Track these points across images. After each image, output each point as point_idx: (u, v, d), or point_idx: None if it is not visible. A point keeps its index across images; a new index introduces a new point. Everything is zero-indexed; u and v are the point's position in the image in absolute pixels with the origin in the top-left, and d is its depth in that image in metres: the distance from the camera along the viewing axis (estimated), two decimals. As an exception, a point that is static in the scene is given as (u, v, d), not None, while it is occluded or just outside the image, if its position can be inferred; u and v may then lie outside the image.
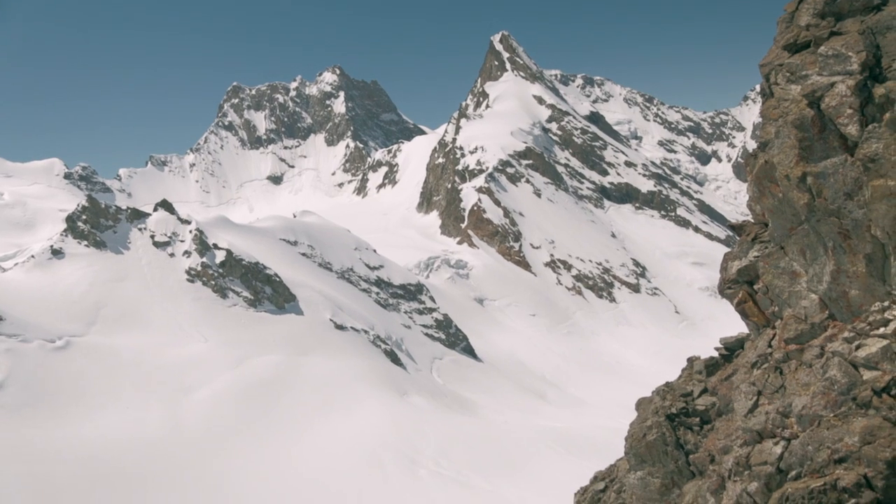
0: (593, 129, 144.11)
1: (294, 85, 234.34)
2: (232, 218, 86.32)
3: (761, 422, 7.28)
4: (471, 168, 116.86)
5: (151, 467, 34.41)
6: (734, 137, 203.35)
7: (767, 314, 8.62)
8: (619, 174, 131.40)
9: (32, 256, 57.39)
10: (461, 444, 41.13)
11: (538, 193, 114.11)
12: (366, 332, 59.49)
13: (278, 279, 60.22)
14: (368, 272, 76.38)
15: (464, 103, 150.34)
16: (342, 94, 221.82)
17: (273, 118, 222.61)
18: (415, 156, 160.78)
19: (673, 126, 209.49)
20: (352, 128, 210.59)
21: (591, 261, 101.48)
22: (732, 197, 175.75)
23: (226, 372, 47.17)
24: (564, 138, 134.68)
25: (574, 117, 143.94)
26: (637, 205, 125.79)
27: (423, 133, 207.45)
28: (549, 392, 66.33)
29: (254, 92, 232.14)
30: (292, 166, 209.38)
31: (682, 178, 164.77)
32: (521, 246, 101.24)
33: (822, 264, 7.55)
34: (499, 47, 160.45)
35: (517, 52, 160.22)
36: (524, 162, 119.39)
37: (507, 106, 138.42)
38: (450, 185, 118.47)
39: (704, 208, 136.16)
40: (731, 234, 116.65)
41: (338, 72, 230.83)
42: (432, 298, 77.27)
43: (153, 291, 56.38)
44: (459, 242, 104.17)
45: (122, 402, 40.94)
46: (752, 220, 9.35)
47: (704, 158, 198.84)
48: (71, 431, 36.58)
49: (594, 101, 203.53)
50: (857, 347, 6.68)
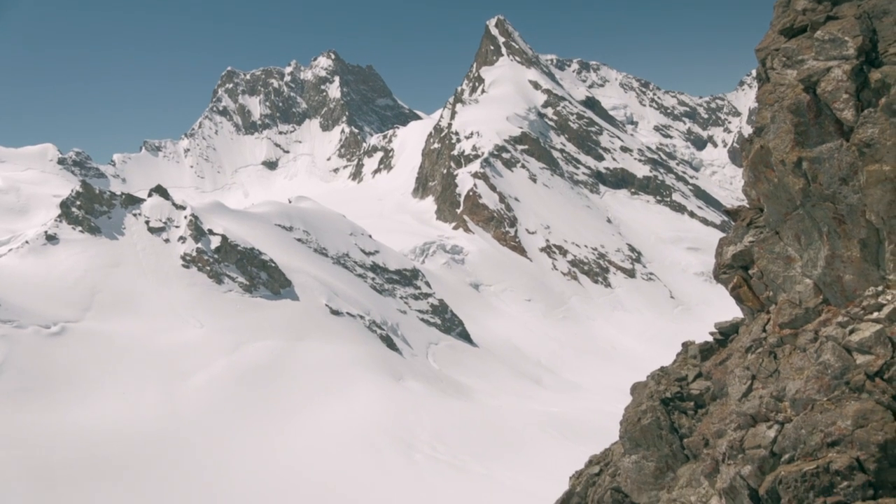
0: (589, 114, 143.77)
1: (289, 70, 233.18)
2: (227, 203, 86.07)
3: (755, 406, 7.32)
4: (466, 153, 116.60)
5: (148, 452, 34.50)
6: (730, 122, 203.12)
7: (762, 299, 8.65)
8: (614, 159, 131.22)
9: (27, 242, 57.23)
10: (457, 429, 41.30)
11: (534, 179, 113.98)
12: (361, 317, 59.55)
13: (274, 265, 60.17)
14: (364, 257, 76.35)
15: (459, 88, 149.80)
16: (337, 78, 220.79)
17: (268, 103, 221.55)
18: (410, 141, 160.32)
19: (669, 111, 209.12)
20: (347, 113, 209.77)
21: (586, 246, 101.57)
22: (728, 182, 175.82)
23: (222, 357, 47.22)
24: (560, 123, 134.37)
25: (570, 102, 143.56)
26: (633, 190, 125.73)
27: (418, 118, 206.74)
28: (545, 377, 66.56)
29: (248, 77, 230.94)
30: (287, 151, 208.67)
31: (677, 164, 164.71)
32: (516, 231, 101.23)
33: (816, 249, 7.57)
34: (494, 32, 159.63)
35: (513, 36, 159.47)
36: (520, 147, 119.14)
37: (503, 91, 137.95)
38: (445, 171, 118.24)
39: (700, 193, 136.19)
40: (726, 219, 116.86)
41: (333, 56, 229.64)
42: (428, 284, 77.32)
43: (148, 277, 56.32)
44: (455, 228, 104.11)
45: (118, 388, 40.98)
46: (748, 206, 9.36)
47: (700, 143, 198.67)
48: (67, 417, 36.62)
49: (590, 86, 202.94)
50: (851, 332, 6.71)
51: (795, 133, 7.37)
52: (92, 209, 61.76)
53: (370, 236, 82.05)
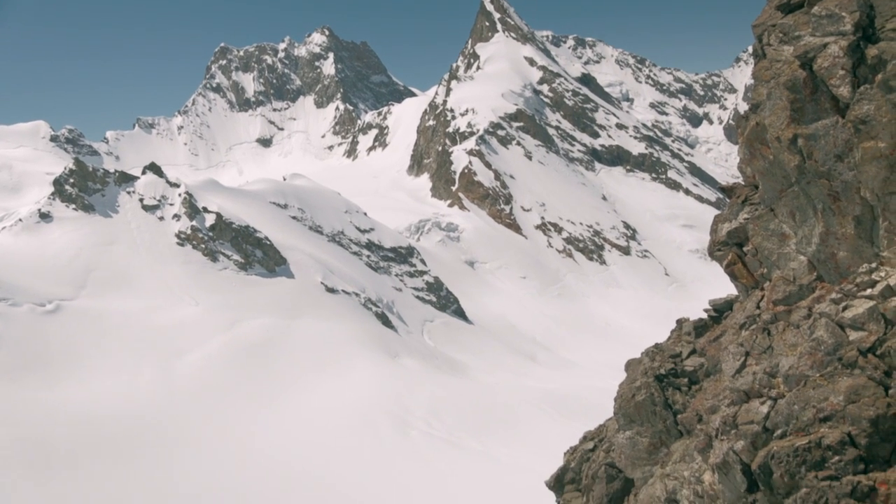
0: (584, 91, 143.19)
1: (283, 46, 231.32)
2: (221, 181, 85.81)
3: (748, 382, 7.36)
4: (461, 130, 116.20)
5: (144, 430, 34.62)
6: (726, 99, 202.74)
7: (756, 276, 8.66)
8: (610, 136, 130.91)
9: (20, 220, 57.01)
10: (452, 406, 41.52)
11: (529, 156, 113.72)
12: (357, 294, 59.60)
13: (269, 242, 60.09)
14: (359, 235, 76.29)
15: (454, 65, 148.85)
16: (331, 55, 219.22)
17: (262, 80, 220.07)
18: (405, 118, 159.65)
19: (664, 88, 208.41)
20: (341, 90, 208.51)
21: (581, 223, 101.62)
22: (723, 159, 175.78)
23: (217, 335, 47.28)
24: (555, 100, 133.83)
25: (565, 79, 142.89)
26: (628, 167, 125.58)
27: (413, 95, 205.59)
28: (540, 354, 66.86)
29: (242, 53, 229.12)
30: (281, 129, 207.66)
31: (673, 141, 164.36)
32: (511, 209, 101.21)
33: (811, 226, 7.58)
34: (490, 7, 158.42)
35: (508, 12, 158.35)
36: (515, 124, 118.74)
37: (498, 67, 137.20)
38: (440, 148, 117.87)
39: (695, 170, 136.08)
40: (721, 196, 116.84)
41: (327, 33, 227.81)
42: (423, 261, 77.36)
43: (143, 255, 56.21)
44: (450, 205, 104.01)
45: (114, 366, 41.05)
46: (743, 183, 9.35)
47: (696, 120, 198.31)
48: (64, 395, 36.71)
49: (586, 63, 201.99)
50: (844, 308, 6.73)
51: (791, 110, 7.34)
52: (85, 187, 61.47)
53: (365, 214, 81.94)
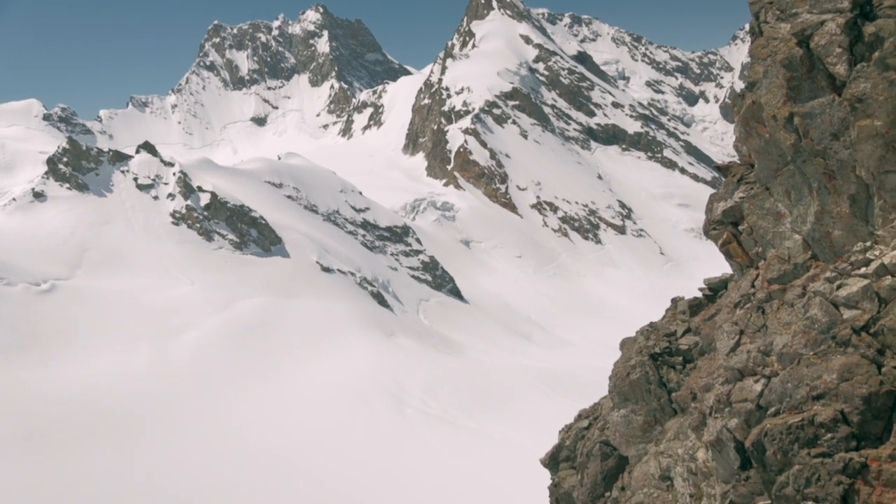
0: (580, 69, 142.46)
1: (276, 24, 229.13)
2: (216, 160, 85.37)
3: (742, 360, 7.39)
4: (457, 109, 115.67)
5: (141, 408, 34.74)
6: (722, 78, 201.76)
7: (751, 255, 8.67)
8: (605, 115, 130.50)
9: (14, 199, 56.76)
10: (447, 384, 41.72)
11: (524, 135, 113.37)
12: (352, 274, 59.63)
13: (264, 222, 59.97)
14: (354, 214, 76.17)
15: (450, 43, 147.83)
16: (326, 33, 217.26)
17: (255, 58, 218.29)
18: (400, 97, 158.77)
19: (661, 66, 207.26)
20: (336, 68, 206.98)
21: (577, 202, 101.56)
22: (719, 138, 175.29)
23: (213, 314, 47.32)
24: (551, 79, 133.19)
25: (561, 57, 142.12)
26: (624, 146, 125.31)
27: (408, 73, 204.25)
28: (535, 333, 67.09)
29: (235, 31, 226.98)
30: (276, 107, 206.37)
31: (669, 120, 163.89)
32: (507, 188, 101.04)
33: (806, 205, 7.57)
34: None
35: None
36: (510, 103, 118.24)
37: (494, 45, 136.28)
38: (436, 127, 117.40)
39: (691, 149, 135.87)
40: (717, 175, 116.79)
41: (321, 10, 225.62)
42: (418, 240, 77.34)
43: (138, 234, 56.08)
44: (445, 184, 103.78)
45: (110, 345, 41.09)
46: (739, 161, 9.32)
47: (692, 99, 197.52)
48: (60, 373, 36.77)
49: (582, 41, 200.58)
50: (839, 287, 6.74)
51: (788, 88, 7.31)
52: (79, 166, 61.16)
53: (360, 193, 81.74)
